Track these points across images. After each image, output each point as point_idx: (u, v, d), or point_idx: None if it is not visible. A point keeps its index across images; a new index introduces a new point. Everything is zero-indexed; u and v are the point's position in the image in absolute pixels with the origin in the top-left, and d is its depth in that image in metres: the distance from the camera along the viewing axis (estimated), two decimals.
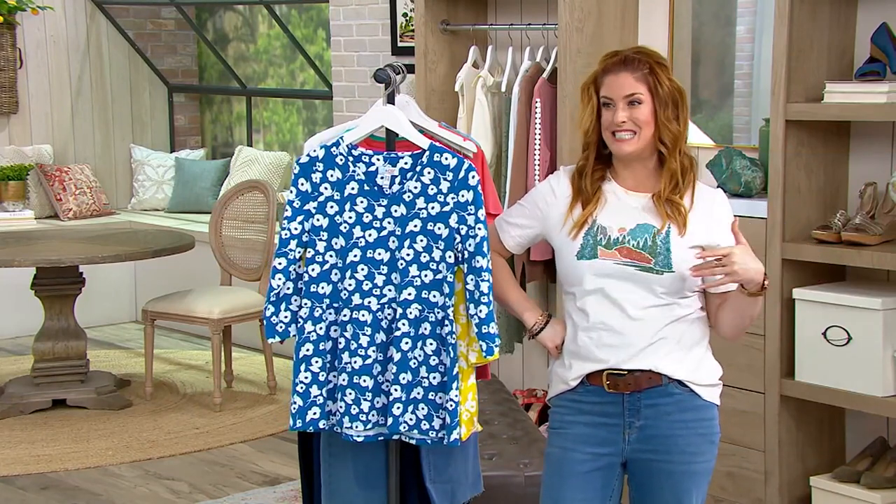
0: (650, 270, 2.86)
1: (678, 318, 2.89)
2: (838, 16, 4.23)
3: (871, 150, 4.29)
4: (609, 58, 2.94)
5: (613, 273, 2.88)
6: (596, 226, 2.92)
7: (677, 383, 2.90)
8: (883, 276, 4.25)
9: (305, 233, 3.06)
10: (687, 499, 2.93)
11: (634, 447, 2.93)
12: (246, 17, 8.90)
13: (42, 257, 5.84)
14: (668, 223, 2.88)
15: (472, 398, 3.05)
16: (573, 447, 2.96)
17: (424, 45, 5.43)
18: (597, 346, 2.91)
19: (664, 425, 2.90)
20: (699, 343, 2.94)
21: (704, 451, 2.93)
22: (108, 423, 5.90)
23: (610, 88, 2.89)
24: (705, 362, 2.96)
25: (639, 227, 2.90)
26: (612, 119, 2.88)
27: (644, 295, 2.87)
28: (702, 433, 2.93)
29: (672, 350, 2.89)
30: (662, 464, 2.91)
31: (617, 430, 2.93)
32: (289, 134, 8.71)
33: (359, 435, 3.04)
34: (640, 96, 2.87)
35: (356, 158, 3.05)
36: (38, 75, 8.39)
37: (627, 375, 2.89)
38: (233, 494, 4.99)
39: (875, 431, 4.33)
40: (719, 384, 2.99)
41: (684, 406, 2.91)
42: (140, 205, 8.61)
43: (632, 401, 2.90)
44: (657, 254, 2.86)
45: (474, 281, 2.97)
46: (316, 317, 3.06)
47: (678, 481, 2.91)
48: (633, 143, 2.88)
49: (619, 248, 2.89)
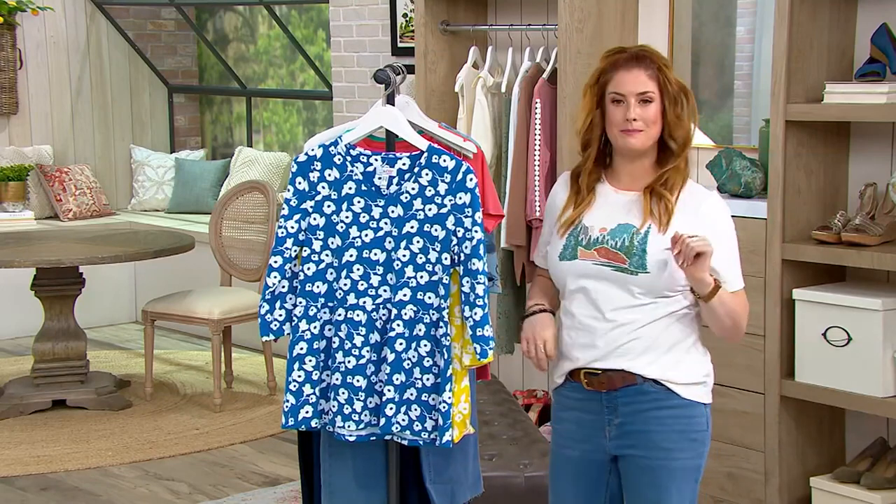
0: (625, 271, 2.88)
1: (658, 318, 2.89)
2: (838, 16, 4.22)
3: (871, 150, 4.28)
4: (616, 54, 2.94)
5: (592, 273, 2.91)
6: (580, 226, 2.95)
7: (653, 382, 2.91)
8: (883, 276, 4.24)
9: (302, 231, 3.06)
10: (667, 496, 2.92)
11: (616, 443, 2.95)
12: (246, 17, 8.90)
13: (42, 258, 5.84)
14: (650, 222, 2.89)
15: (465, 400, 3.04)
16: (564, 442, 3.04)
17: (424, 46, 5.43)
18: (574, 346, 2.95)
19: (641, 422, 2.92)
20: (681, 342, 2.93)
21: (684, 448, 2.92)
22: (108, 424, 5.90)
23: (622, 84, 2.89)
24: (687, 360, 2.94)
25: (619, 226, 2.91)
26: (622, 115, 2.88)
27: (622, 295, 2.89)
28: (680, 430, 2.92)
29: (647, 350, 2.89)
30: (641, 459, 2.93)
31: (599, 426, 2.96)
32: (289, 134, 8.71)
33: (351, 435, 3.04)
34: (652, 94, 2.89)
35: (354, 158, 3.05)
36: (38, 76, 8.39)
37: (602, 374, 2.92)
38: (233, 495, 4.99)
39: (875, 432, 4.33)
40: (704, 382, 2.97)
41: (661, 404, 2.91)
42: (140, 205, 8.61)
43: (609, 399, 2.93)
44: (633, 254, 2.87)
45: (470, 283, 2.97)
46: (310, 316, 3.06)
47: (657, 477, 2.92)
48: (642, 139, 2.89)
49: (598, 248, 2.91)
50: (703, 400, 2.96)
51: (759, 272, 4.19)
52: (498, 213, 3.20)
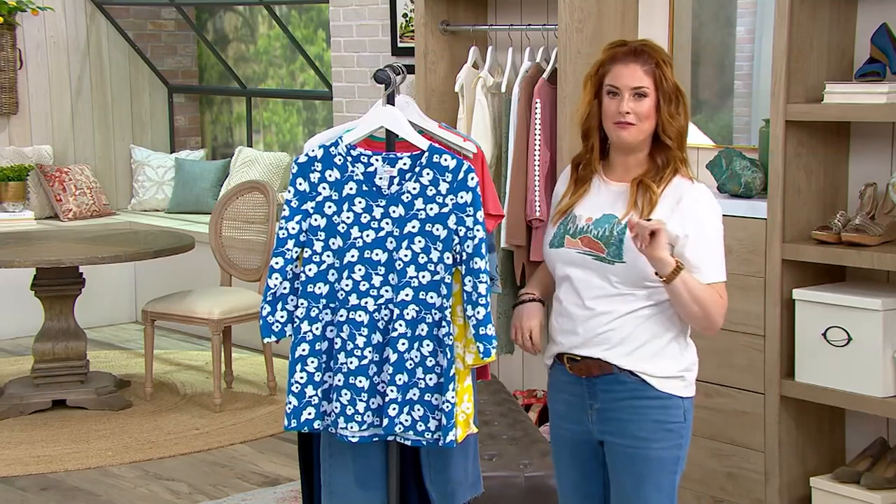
0: (604, 260, 2.95)
1: (636, 310, 2.95)
2: (838, 16, 4.22)
3: (871, 150, 4.28)
4: (616, 47, 3.01)
5: (576, 262, 3.00)
6: (571, 215, 3.05)
7: (629, 373, 2.97)
8: (883, 276, 4.24)
9: (303, 232, 3.06)
10: (643, 485, 2.98)
11: (598, 427, 3.03)
12: (246, 17, 8.90)
13: (42, 258, 5.84)
14: (632, 213, 2.94)
15: (468, 400, 3.05)
16: (559, 423, 3.14)
17: (424, 46, 5.43)
18: (559, 331, 3.06)
19: (618, 410, 2.99)
20: (660, 336, 2.98)
21: (660, 438, 2.97)
22: (108, 424, 5.90)
23: (618, 77, 2.95)
24: (665, 355, 2.98)
25: (603, 216, 2.99)
26: (616, 108, 2.95)
27: (601, 284, 2.96)
28: (655, 419, 2.97)
29: (624, 341, 2.96)
30: (619, 447, 3.00)
31: (583, 409, 3.05)
32: (289, 134, 8.71)
33: (354, 436, 3.04)
34: (646, 90, 2.94)
35: (355, 159, 3.04)
36: (38, 76, 8.39)
37: (581, 361, 3.01)
38: (233, 495, 4.99)
39: (875, 432, 4.33)
40: (682, 377, 3.01)
41: (637, 394, 2.98)
42: (140, 205, 8.61)
43: (590, 384, 3.02)
44: (611, 244, 2.94)
45: (472, 282, 2.97)
46: (312, 317, 3.06)
47: (632, 464, 2.98)
48: (634, 133, 2.96)
49: (582, 237, 3.00)
50: (679, 394, 3.00)
51: (759, 272, 4.19)
52: (498, 213, 3.20)
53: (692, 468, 4.44)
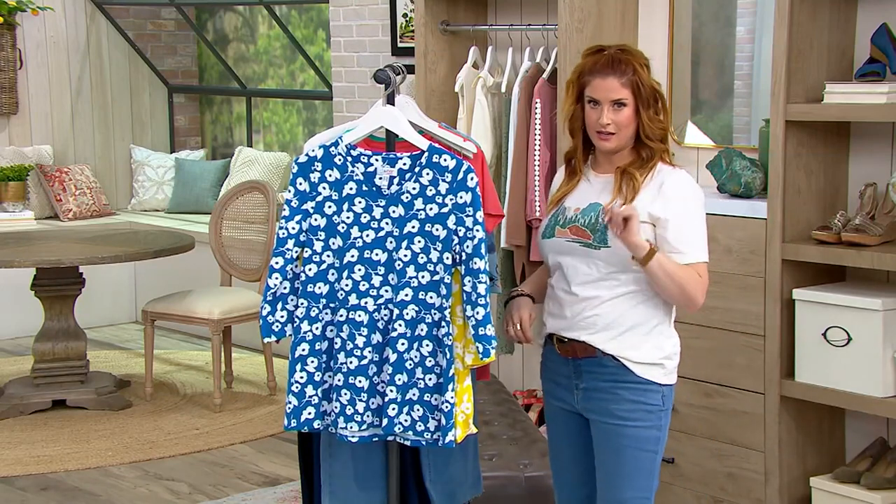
0: (590, 246, 3.08)
1: (620, 296, 3.09)
2: (838, 16, 4.22)
3: (871, 150, 4.28)
4: (593, 54, 3.13)
5: (565, 250, 3.14)
6: (561, 207, 3.18)
7: (612, 357, 3.10)
8: (883, 276, 4.24)
9: (303, 232, 3.06)
10: (622, 461, 3.10)
11: (583, 405, 3.18)
12: (246, 17, 8.90)
13: (42, 258, 5.84)
14: (617, 200, 3.07)
15: (467, 400, 3.05)
16: (549, 399, 3.30)
17: (424, 46, 5.43)
18: (549, 314, 3.22)
19: (601, 391, 3.13)
20: (644, 323, 3.11)
21: (639, 418, 3.11)
22: (108, 424, 5.90)
23: (597, 91, 3.09)
24: (647, 342, 3.12)
25: (590, 205, 3.13)
26: (596, 119, 3.09)
27: (588, 270, 3.10)
28: (635, 400, 3.10)
29: (608, 326, 3.09)
30: (601, 424, 3.14)
31: (570, 387, 3.20)
32: (289, 134, 8.71)
33: (353, 435, 3.04)
34: (625, 100, 3.08)
35: (355, 159, 3.05)
36: (38, 76, 8.39)
37: (567, 343, 3.16)
38: (233, 495, 4.99)
39: (875, 432, 4.32)
40: (662, 364, 3.13)
41: (619, 378, 3.11)
42: (140, 205, 8.61)
43: (576, 365, 3.17)
44: (596, 230, 3.08)
45: (471, 283, 2.98)
46: (312, 317, 3.06)
47: (613, 442, 3.11)
48: (614, 142, 3.12)
49: (571, 226, 3.13)
50: (659, 381, 3.13)
51: (759, 272, 4.19)
52: (498, 213, 3.21)
53: (692, 468, 4.44)
